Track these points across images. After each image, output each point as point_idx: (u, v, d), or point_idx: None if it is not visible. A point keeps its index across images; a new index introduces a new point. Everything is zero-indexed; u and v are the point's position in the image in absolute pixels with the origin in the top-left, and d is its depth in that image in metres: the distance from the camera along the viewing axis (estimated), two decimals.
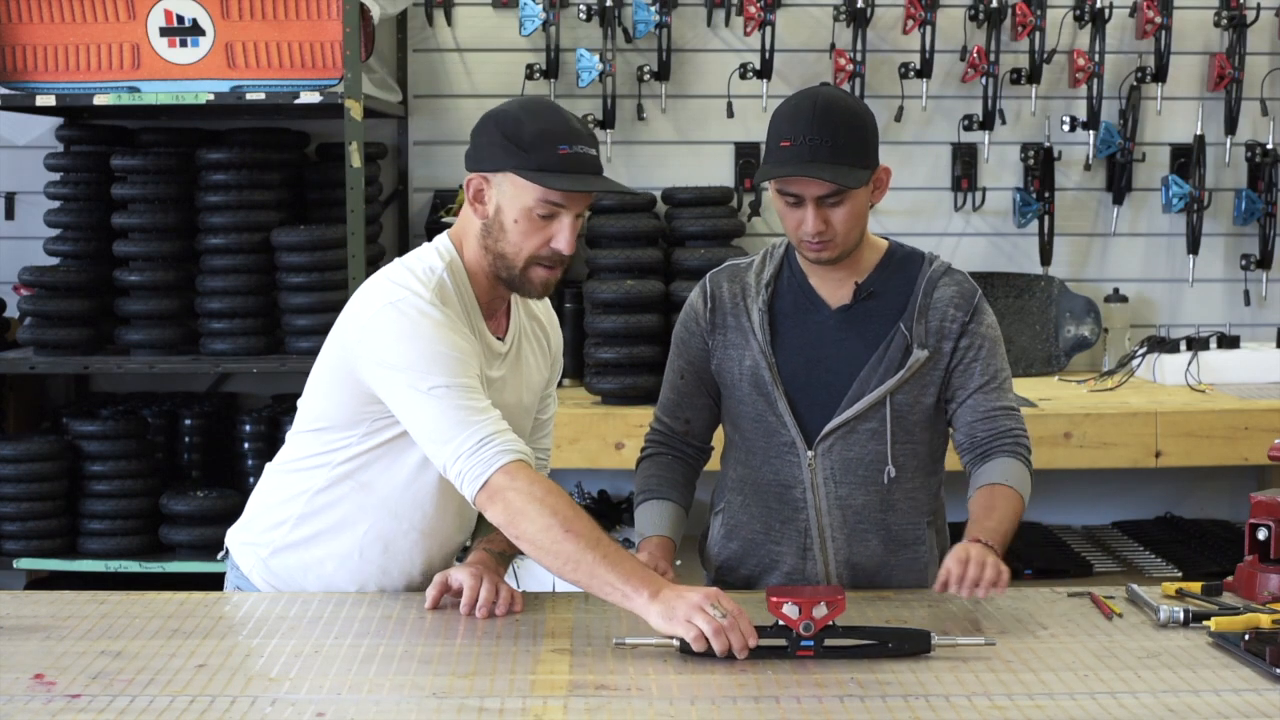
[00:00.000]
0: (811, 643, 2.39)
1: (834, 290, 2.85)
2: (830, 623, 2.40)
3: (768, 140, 2.75)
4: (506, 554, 2.82)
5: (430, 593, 2.68)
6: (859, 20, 5.02)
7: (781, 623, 2.40)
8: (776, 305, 2.86)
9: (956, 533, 2.87)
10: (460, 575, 2.68)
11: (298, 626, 2.58)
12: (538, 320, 2.88)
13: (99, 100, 4.53)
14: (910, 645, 2.42)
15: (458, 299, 2.68)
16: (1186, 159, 5.18)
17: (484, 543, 2.81)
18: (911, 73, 5.07)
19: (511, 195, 2.62)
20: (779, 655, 2.40)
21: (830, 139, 2.69)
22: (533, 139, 2.60)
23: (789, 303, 2.86)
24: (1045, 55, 5.07)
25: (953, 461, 3.01)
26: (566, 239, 2.62)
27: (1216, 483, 5.18)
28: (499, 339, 2.76)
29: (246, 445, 4.90)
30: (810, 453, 2.83)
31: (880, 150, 2.83)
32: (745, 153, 5.21)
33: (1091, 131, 5.13)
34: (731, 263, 2.96)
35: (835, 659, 2.39)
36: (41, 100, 4.57)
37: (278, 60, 4.50)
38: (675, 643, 2.41)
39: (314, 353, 4.94)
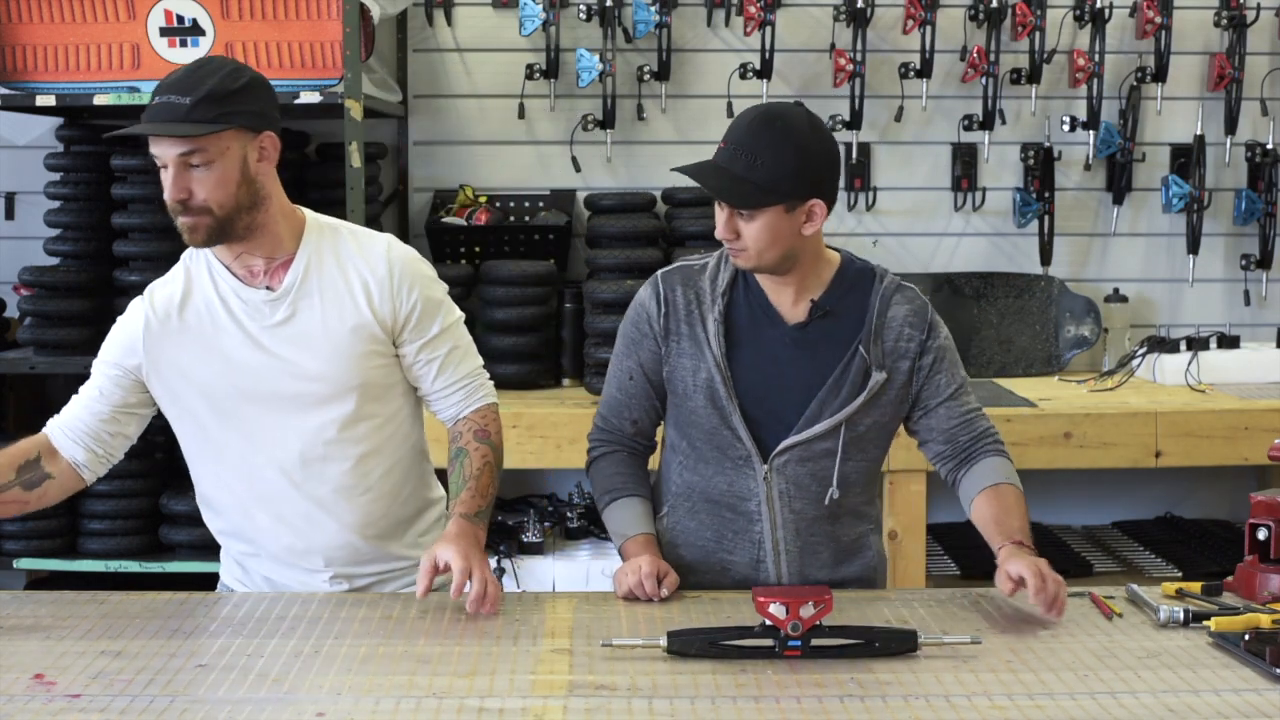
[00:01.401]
0: (798, 643, 2.39)
1: (790, 306, 2.83)
2: (817, 623, 2.40)
3: None
4: (483, 510, 2.79)
5: (420, 582, 2.66)
6: (859, 20, 5.02)
7: (769, 622, 2.40)
8: (732, 316, 2.84)
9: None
10: (447, 554, 2.66)
11: (298, 626, 2.58)
12: (353, 269, 2.82)
13: (99, 100, 4.53)
14: (897, 644, 2.42)
15: (204, 272, 2.82)
16: (1186, 159, 5.18)
17: (458, 507, 2.78)
18: (911, 73, 5.07)
19: None
20: (767, 655, 2.40)
21: (749, 155, 2.69)
22: (154, 91, 2.73)
23: (745, 315, 2.84)
24: (1045, 55, 5.07)
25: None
26: (168, 186, 2.69)
27: (1216, 483, 5.18)
28: (269, 289, 2.80)
29: None
30: (765, 467, 2.82)
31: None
32: None
33: (1091, 131, 5.13)
34: (683, 263, 2.92)
35: (828, 659, 2.39)
36: (41, 100, 4.57)
37: (278, 60, 4.49)
38: (662, 642, 2.41)
39: None
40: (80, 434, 2.87)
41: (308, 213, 2.90)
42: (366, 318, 2.81)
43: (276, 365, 2.79)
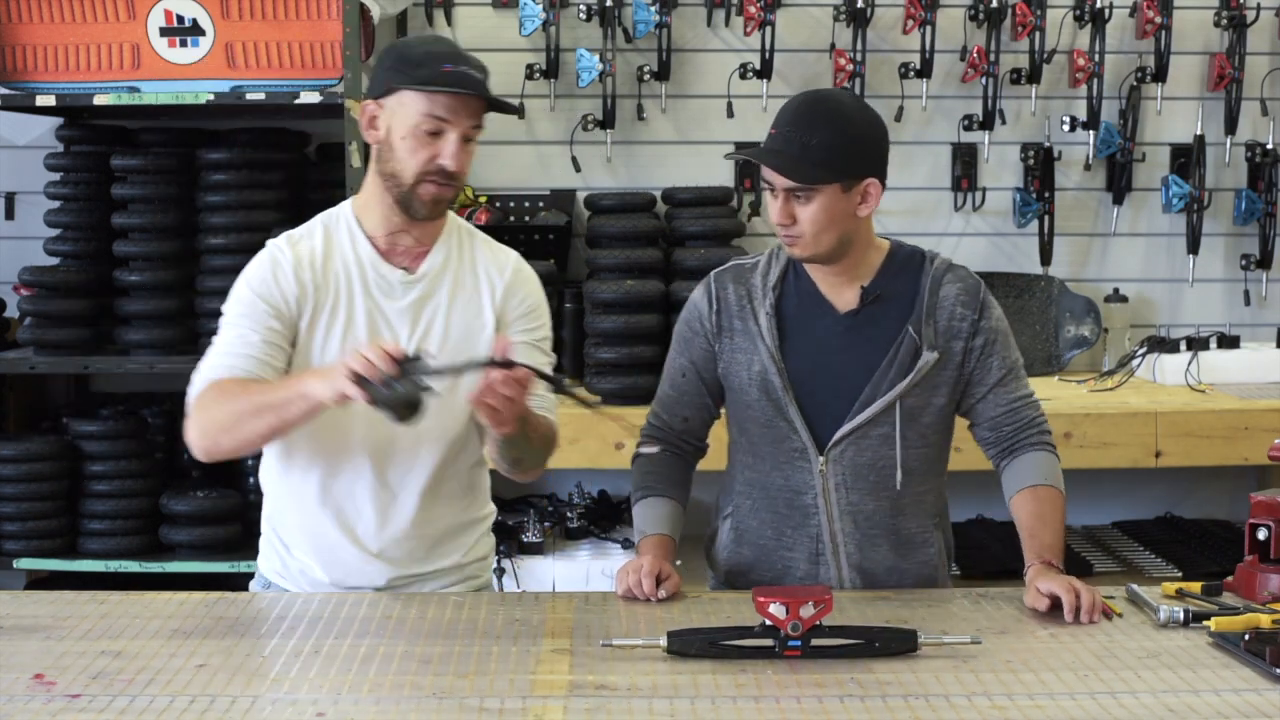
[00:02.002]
0: (799, 643, 2.39)
1: (841, 294, 2.84)
2: (817, 622, 2.40)
3: None
4: (525, 422, 2.70)
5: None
6: (859, 20, 5.02)
7: (769, 622, 2.40)
8: (783, 308, 2.86)
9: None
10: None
11: (298, 626, 2.58)
12: (482, 269, 2.87)
13: (99, 100, 4.53)
14: (897, 644, 2.42)
15: (345, 236, 2.83)
16: (1186, 159, 5.18)
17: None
18: (911, 73, 5.07)
19: (401, 114, 2.74)
20: (767, 655, 2.40)
21: (803, 136, 2.71)
22: (421, 58, 2.74)
23: (796, 306, 2.86)
24: (1045, 55, 5.07)
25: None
26: (452, 154, 2.72)
27: (1216, 483, 5.18)
28: (406, 271, 2.83)
29: None
30: (821, 459, 2.82)
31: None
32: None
33: (1091, 131, 5.12)
34: (736, 262, 2.95)
35: (829, 659, 2.39)
36: (41, 100, 4.57)
37: (278, 60, 4.50)
38: (661, 642, 2.41)
39: None
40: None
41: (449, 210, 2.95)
42: (486, 320, 2.86)
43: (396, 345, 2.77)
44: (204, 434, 2.70)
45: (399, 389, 2.41)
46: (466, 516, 2.96)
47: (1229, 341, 4.92)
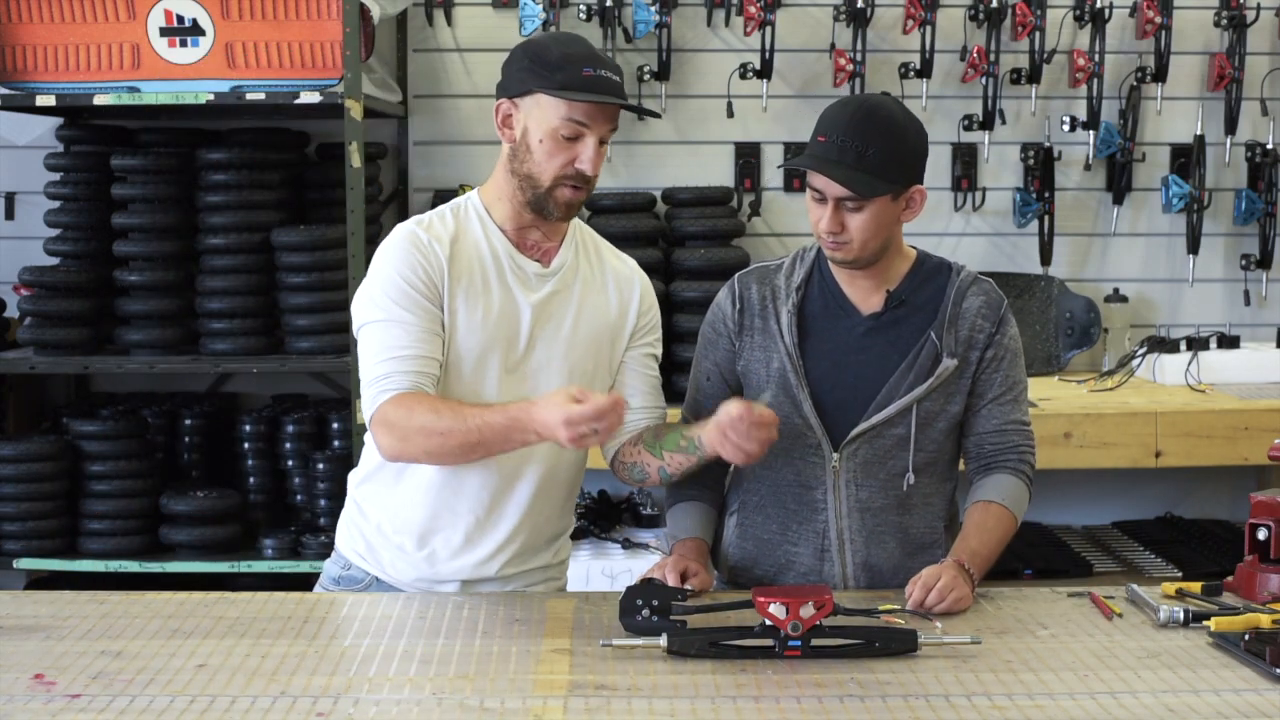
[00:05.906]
0: (799, 643, 2.39)
1: (865, 297, 2.86)
2: (817, 623, 2.40)
3: (812, 133, 2.79)
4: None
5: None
6: (859, 20, 5.02)
7: (769, 622, 2.40)
8: (806, 309, 2.88)
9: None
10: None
11: (297, 626, 2.58)
12: (610, 272, 2.90)
13: (99, 100, 4.53)
14: (897, 644, 2.42)
15: (476, 224, 2.80)
16: (1186, 159, 5.18)
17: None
18: (911, 73, 5.07)
19: (538, 117, 2.72)
20: (767, 655, 2.40)
21: (859, 145, 2.72)
22: (558, 61, 2.71)
23: (819, 307, 2.88)
24: (1045, 55, 5.07)
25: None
26: (590, 159, 2.72)
27: (1216, 483, 5.18)
28: (540, 264, 2.82)
29: (246, 445, 4.91)
30: (836, 455, 2.84)
31: None
32: (745, 153, 5.21)
33: (1091, 131, 5.13)
34: (761, 265, 2.98)
35: (829, 659, 2.39)
36: (41, 100, 4.57)
37: (278, 60, 4.50)
38: (662, 642, 2.41)
39: (314, 352, 4.92)
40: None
41: None
42: (615, 318, 2.88)
43: (528, 337, 2.80)
44: (406, 441, 2.67)
45: None
46: (564, 524, 2.96)
47: (1229, 341, 4.92)
